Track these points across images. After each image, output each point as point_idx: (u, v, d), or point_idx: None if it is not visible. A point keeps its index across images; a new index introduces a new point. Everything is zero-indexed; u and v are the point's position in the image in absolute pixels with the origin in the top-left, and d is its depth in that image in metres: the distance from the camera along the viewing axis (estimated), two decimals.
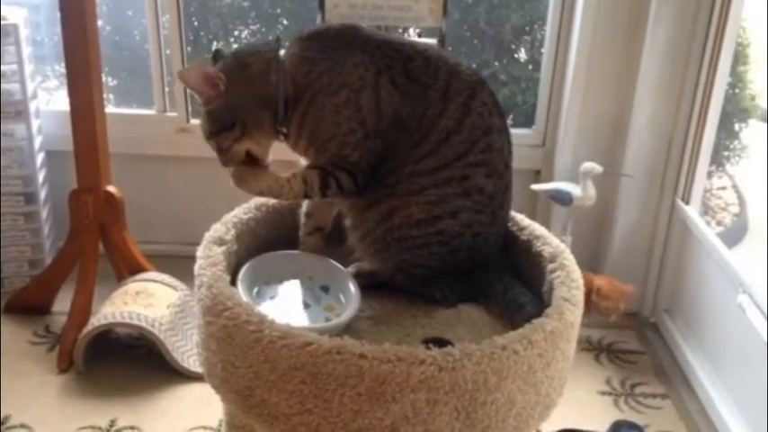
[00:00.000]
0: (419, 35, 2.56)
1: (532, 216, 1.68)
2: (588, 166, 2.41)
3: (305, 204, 1.59)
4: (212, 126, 1.46)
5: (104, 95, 2.34)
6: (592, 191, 2.41)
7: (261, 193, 1.49)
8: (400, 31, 2.66)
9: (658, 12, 2.32)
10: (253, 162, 1.49)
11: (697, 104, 2.38)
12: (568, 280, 1.44)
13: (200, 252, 1.48)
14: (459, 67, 1.48)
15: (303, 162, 1.51)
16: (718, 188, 3.53)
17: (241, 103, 1.44)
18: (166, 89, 2.70)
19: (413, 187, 1.43)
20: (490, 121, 1.46)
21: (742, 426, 2.05)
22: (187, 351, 2.23)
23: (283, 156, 1.54)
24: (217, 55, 1.48)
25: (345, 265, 1.55)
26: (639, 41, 2.39)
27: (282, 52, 1.47)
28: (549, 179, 2.64)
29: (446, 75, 1.45)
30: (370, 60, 1.44)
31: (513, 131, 1.55)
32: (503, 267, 1.56)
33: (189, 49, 2.70)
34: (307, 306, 1.45)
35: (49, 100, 2.92)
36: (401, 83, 1.44)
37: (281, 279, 1.49)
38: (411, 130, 1.43)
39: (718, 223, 3.37)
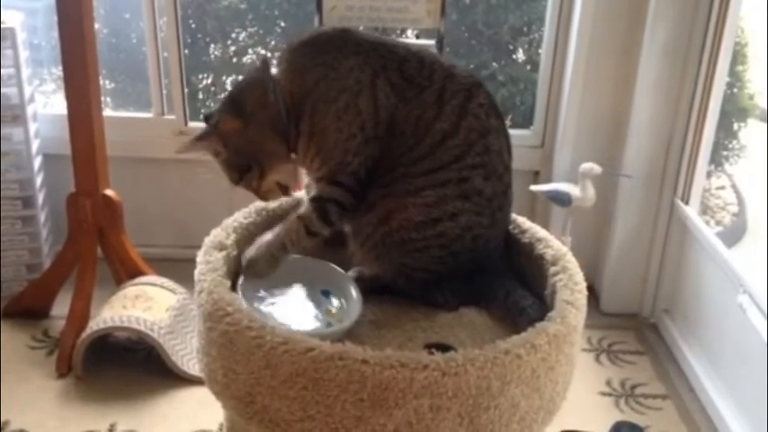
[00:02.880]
0: (417, 37, 2.56)
1: (531, 217, 1.68)
2: (587, 166, 2.41)
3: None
4: (232, 174, 1.48)
5: (102, 99, 2.33)
6: (591, 191, 2.41)
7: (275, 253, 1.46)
8: (398, 32, 2.66)
9: (657, 12, 2.32)
10: (285, 191, 1.51)
11: (696, 104, 2.38)
12: (571, 283, 1.43)
13: (200, 257, 1.47)
14: (454, 69, 1.46)
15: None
16: (717, 188, 3.54)
17: (248, 143, 1.44)
18: (164, 92, 2.70)
19: (408, 188, 1.42)
20: (487, 122, 1.45)
21: (742, 426, 2.05)
22: (186, 354, 2.23)
23: None
24: (208, 117, 1.49)
25: (346, 270, 1.54)
26: (638, 41, 2.39)
27: (275, 69, 1.46)
28: (548, 180, 2.64)
29: (441, 77, 1.44)
30: (364, 62, 1.43)
31: (512, 132, 1.54)
32: (504, 270, 1.56)
33: (186, 51, 2.70)
34: (308, 311, 1.44)
35: (47, 103, 2.92)
36: (397, 84, 1.43)
37: (281, 284, 1.49)
38: (406, 134, 1.42)
39: (718, 223, 3.38)
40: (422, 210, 1.43)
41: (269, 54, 1.54)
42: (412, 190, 1.43)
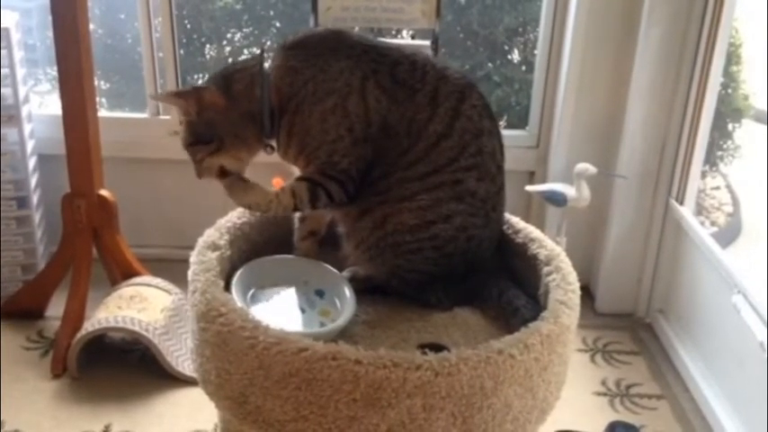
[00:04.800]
0: (412, 37, 2.56)
1: (527, 217, 1.68)
2: (582, 167, 2.40)
3: None
4: (189, 137, 1.47)
5: (97, 99, 2.33)
6: (586, 192, 2.41)
7: (249, 207, 1.49)
8: (393, 33, 2.66)
9: (651, 12, 2.32)
10: (225, 176, 1.49)
11: (690, 105, 2.38)
12: (564, 283, 1.43)
13: (193, 257, 1.47)
14: (446, 71, 1.47)
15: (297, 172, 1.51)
16: (712, 188, 3.54)
17: (222, 120, 1.44)
18: (159, 92, 2.69)
19: (404, 193, 1.43)
20: (480, 124, 1.46)
21: (737, 426, 2.05)
22: (181, 355, 2.22)
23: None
24: None
25: (340, 270, 1.54)
26: (633, 42, 2.39)
27: (268, 64, 1.46)
28: (544, 180, 2.64)
29: (434, 79, 1.45)
30: (355, 65, 1.43)
31: (507, 133, 1.55)
32: (498, 270, 1.56)
33: (182, 51, 2.70)
34: (301, 311, 1.44)
35: (41, 104, 2.92)
36: (388, 87, 1.43)
37: (275, 284, 1.49)
38: (400, 136, 1.43)
39: (712, 223, 3.38)
40: (416, 213, 1.43)
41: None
42: (408, 195, 1.43)
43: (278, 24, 3.04)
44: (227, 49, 3.06)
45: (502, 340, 1.27)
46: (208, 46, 3.04)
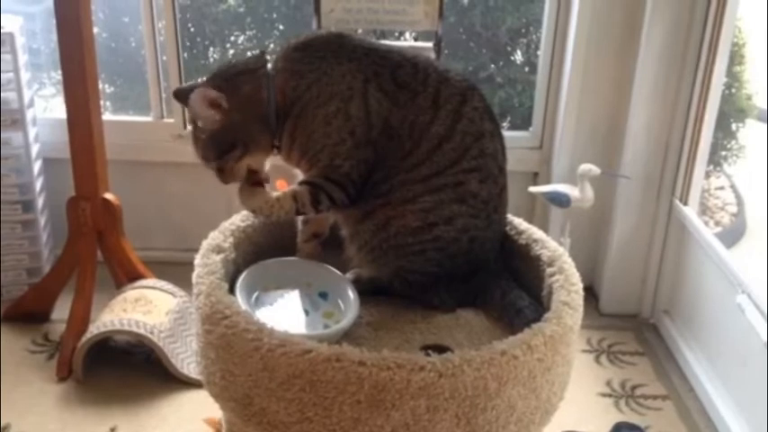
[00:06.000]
0: (415, 39, 2.56)
1: (530, 219, 1.69)
2: (585, 167, 2.40)
3: None
4: (215, 150, 1.45)
5: (101, 102, 2.33)
6: (590, 193, 2.41)
7: (253, 212, 1.51)
8: (396, 35, 2.66)
9: (654, 12, 2.32)
10: (252, 175, 1.50)
11: (694, 105, 2.38)
12: (567, 284, 1.43)
13: (198, 260, 1.48)
14: (448, 73, 1.48)
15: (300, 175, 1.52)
16: (716, 188, 3.54)
17: (239, 123, 1.44)
18: (163, 95, 2.70)
19: (407, 195, 1.44)
20: (482, 126, 1.46)
21: (742, 426, 2.05)
22: (186, 358, 2.23)
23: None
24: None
25: (343, 272, 1.55)
26: (635, 42, 2.39)
27: (270, 66, 1.47)
28: (547, 181, 2.64)
29: (436, 81, 1.45)
30: (357, 68, 1.44)
31: (510, 134, 1.55)
32: (501, 272, 1.56)
33: (185, 55, 2.70)
34: (305, 313, 1.45)
35: (46, 108, 2.92)
36: (390, 90, 1.44)
37: (279, 286, 1.49)
38: (402, 138, 1.43)
39: (717, 223, 3.38)
40: (418, 215, 1.44)
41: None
42: (410, 197, 1.44)
43: (281, 27, 3.04)
44: (231, 51, 3.07)
45: (505, 341, 1.28)
46: (211, 49, 3.05)
